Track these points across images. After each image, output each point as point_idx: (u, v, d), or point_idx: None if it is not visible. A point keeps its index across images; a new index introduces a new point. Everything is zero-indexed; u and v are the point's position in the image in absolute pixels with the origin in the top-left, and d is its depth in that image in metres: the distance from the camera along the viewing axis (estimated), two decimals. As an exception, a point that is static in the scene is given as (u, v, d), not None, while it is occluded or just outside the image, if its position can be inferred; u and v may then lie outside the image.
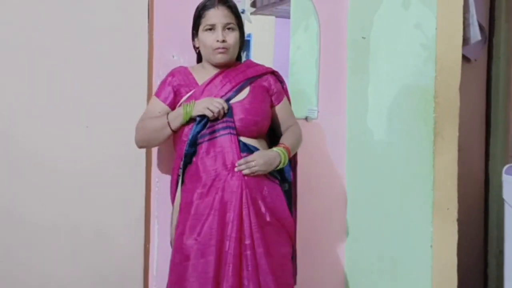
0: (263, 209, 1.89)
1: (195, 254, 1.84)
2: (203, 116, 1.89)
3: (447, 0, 2.14)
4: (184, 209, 1.91)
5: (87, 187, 2.15)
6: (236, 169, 1.86)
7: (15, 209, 2.07)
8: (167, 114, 1.95)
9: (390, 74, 2.35)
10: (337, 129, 2.55)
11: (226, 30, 1.94)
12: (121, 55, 2.18)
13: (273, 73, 2.08)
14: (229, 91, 1.95)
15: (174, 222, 1.97)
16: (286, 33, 2.60)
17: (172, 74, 2.03)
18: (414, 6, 2.23)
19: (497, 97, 3.02)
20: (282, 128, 2.08)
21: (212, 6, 1.93)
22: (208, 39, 1.94)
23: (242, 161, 1.87)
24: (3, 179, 2.06)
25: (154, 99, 2.02)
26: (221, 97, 1.93)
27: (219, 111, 1.87)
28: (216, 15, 1.93)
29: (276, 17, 2.78)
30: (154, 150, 2.23)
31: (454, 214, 2.18)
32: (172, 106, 1.99)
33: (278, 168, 1.93)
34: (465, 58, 2.67)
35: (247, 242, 1.84)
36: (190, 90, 1.97)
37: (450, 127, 2.16)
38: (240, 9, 2.30)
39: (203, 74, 2.00)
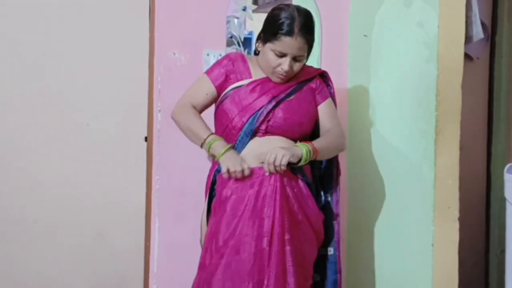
0: (295, 207, 1.87)
1: (229, 251, 1.81)
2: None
3: (450, -2, 2.14)
4: (219, 207, 1.88)
5: (87, 184, 2.15)
6: (267, 174, 1.83)
7: (14, 206, 2.07)
8: (209, 134, 1.85)
9: (391, 73, 2.34)
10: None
11: (295, 60, 1.86)
12: (122, 53, 2.18)
13: (322, 74, 2.04)
14: (280, 92, 1.90)
15: (205, 220, 1.94)
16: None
17: (228, 57, 1.96)
18: (416, 4, 2.22)
19: (499, 95, 3.01)
20: (321, 130, 1.99)
21: (291, 34, 1.80)
22: (273, 61, 1.85)
23: (265, 165, 1.81)
24: (2, 178, 2.06)
25: (204, 77, 1.94)
26: (274, 97, 1.87)
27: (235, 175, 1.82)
28: (291, 46, 1.81)
29: (278, 15, 2.77)
30: (155, 148, 2.23)
31: (456, 213, 2.17)
32: (220, 88, 1.92)
33: (301, 164, 1.83)
34: (467, 57, 2.66)
35: (287, 237, 1.82)
36: (241, 78, 1.91)
37: (452, 125, 2.16)
38: (241, 6, 2.30)
39: (258, 68, 1.93)
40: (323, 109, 2.00)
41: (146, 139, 2.23)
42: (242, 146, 1.88)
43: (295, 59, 1.85)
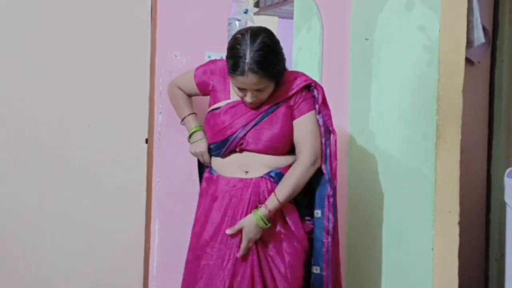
0: (279, 222, 1.88)
1: (206, 255, 1.87)
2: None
3: (451, 2, 2.13)
4: (201, 210, 1.95)
5: (87, 185, 2.14)
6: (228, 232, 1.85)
7: (14, 207, 2.07)
8: (189, 114, 2.02)
9: (393, 76, 2.34)
10: (339, 130, 2.54)
11: (258, 91, 1.80)
12: (124, 55, 2.18)
13: (307, 87, 1.90)
14: (251, 120, 1.87)
15: None
16: (289, 34, 2.60)
17: (216, 68, 1.96)
18: (418, 8, 2.22)
19: (500, 100, 3.01)
20: (296, 149, 1.90)
21: (242, 73, 1.73)
22: (237, 92, 1.83)
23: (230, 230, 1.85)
24: (3, 178, 2.05)
25: (190, 73, 2.01)
26: (244, 126, 1.86)
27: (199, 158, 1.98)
28: (246, 83, 1.76)
29: (279, 17, 2.77)
30: (156, 150, 2.23)
31: (456, 217, 2.17)
32: (202, 89, 1.99)
33: (265, 226, 1.82)
34: (468, 61, 2.66)
35: (262, 249, 1.86)
36: (220, 98, 1.92)
37: (452, 129, 2.15)
38: (243, 9, 2.30)
39: None
40: (297, 125, 1.89)
41: (146, 141, 2.22)
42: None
43: (258, 90, 1.79)
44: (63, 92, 2.11)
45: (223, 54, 2.27)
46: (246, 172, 1.89)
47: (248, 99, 1.81)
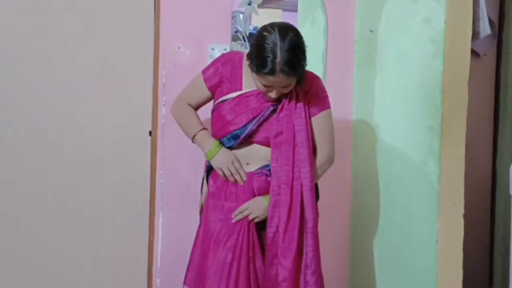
0: None
1: (208, 253, 1.90)
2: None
3: (456, -7, 2.12)
4: (209, 206, 1.95)
5: (92, 179, 2.15)
6: (233, 220, 1.86)
7: (18, 200, 2.08)
8: (199, 130, 1.91)
9: (397, 68, 2.33)
10: (343, 123, 2.54)
11: (284, 87, 1.79)
12: (127, 47, 2.18)
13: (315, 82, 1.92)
14: (259, 114, 1.86)
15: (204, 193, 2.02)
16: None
17: (225, 58, 1.92)
18: (423, 0, 2.20)
19: (505, 92, 2.99)
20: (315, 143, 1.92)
21: (272, 73, 1.69)
22: (261, 88, 1.80)
23: (237, 211, 1.86)
24: (5, 171, 2.06)
25: (199, 78, 1.93)
26: (254, 117, 1.84)
27: (232, 176, 1.88)
28: (274, 82, 1.74)
29: (283, 10, 2.76)
30: (159, 142, 2.23)
31: (460, 210, 2.16)
32: (213, 89, 1.91)
33: None
34: (474, 53, 2.64)
35: (252, 254, 1.87)
36: (231, 89, 1.88)
37: (457, 122, 2.14)
38: (247, 1, 2.29)
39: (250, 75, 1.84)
40: (315, 123, 1.91)
41: (150, 133, 2.23)
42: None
43: (284, 87, 1.78)
44: (66, 84, 2.11)
45: (227, 46, 2.28)
46: (247, 164, 1.90)
47: (273, 95, 1.81)
